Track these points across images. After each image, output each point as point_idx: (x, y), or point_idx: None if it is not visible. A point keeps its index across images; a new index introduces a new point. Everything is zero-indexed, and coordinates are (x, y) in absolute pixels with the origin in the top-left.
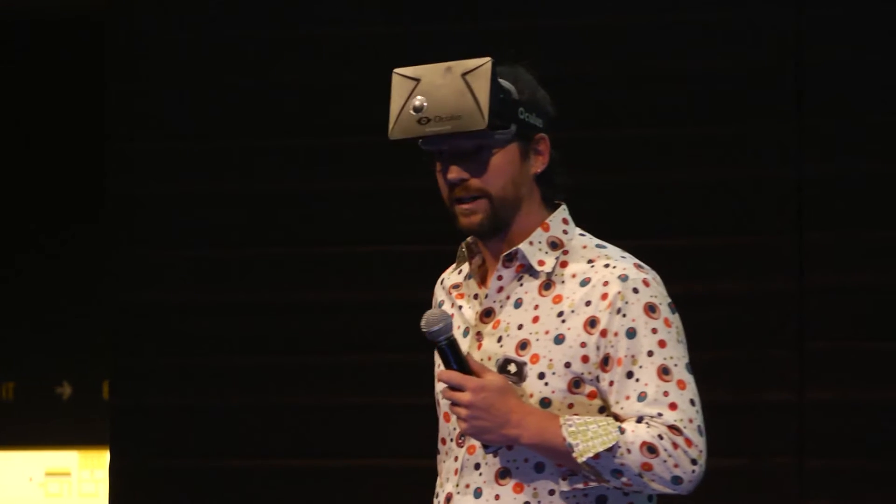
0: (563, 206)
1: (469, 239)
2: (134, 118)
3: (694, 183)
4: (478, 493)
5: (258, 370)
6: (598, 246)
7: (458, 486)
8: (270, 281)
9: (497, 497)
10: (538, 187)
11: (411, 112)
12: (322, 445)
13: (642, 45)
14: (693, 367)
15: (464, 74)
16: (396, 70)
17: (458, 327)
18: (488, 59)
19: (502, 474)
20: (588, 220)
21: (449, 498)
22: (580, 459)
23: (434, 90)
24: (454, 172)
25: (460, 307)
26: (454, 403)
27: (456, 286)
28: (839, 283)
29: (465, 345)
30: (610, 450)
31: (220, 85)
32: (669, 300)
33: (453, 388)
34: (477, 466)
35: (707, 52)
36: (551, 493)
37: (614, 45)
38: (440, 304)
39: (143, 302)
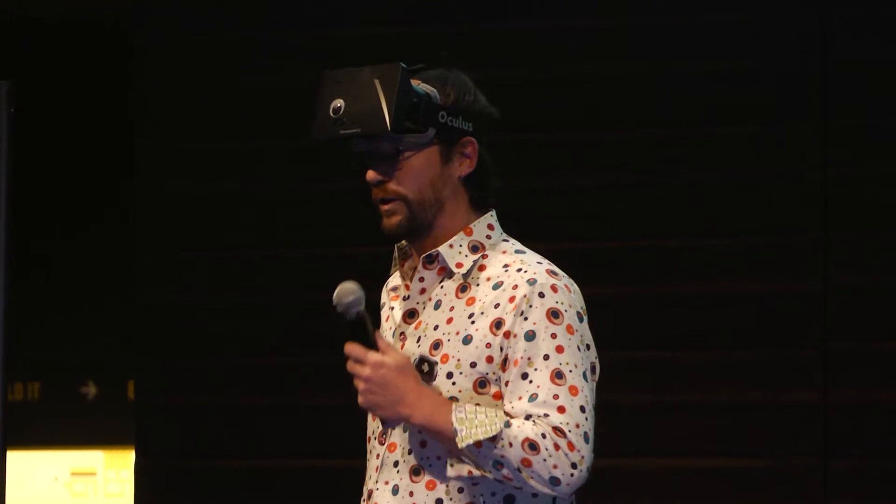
0: (492, 213)
1: (403, 241)
2: (160, 118)
3: (718, 183)
4: (395, 490)
5: (285, 370)
6: (517, 251)
7: (377, 482)
8: (298, 281)
9: (411, 493)
10: (466, 190)
11: (331, 114)
12: (348, 445)
13: (669, 45)
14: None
15: (376, 78)
16: (325, 71)
17: (390, 328)
18: (398, 64)
19: (416, 471)
20: (611, 220)
21: (370, 494)
22: (461, 445)
23: (351, 93)
24: (371, 174)
25: (392, 308)
26: (355, 377)
27: (395, 288)
28: (864, 284)
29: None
30: (492, 439)
31: (246, 85)
32: (580, 309)
33: (356, 361)
34: (396, 464)
35: (733, 52)
36: (460, 490)
37: (641, 46)
38: (382, 307)
39: (169, 302)
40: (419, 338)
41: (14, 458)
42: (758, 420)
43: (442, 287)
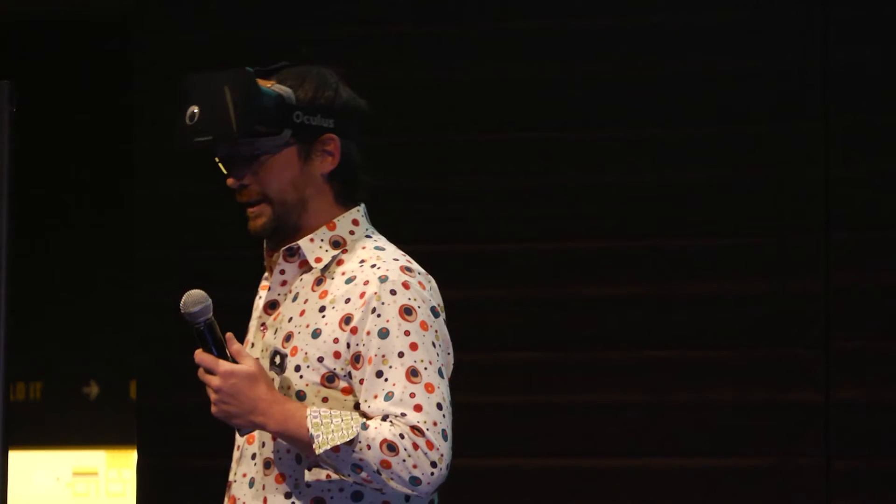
0: (359, 208)
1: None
2: (160, 118)
3: (720, 182)
4: (251, 483)
5: None
6: (376, 248)
7: (236, 474)
8: None
9: (264, 487)
10: (331, 187)
11: (187, 121)
12: None
13: (670, 44)
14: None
15: (225, 84)
16: (185, 77)
17: (256, 318)
18: (245, 68)
19: (267, 465)
20: (611, 220)
21: (229, 486)
22: (318, 451)
23: (205, 99)
24: (231, 179)
25: (260, 297)
26: (206, 386)
27: (266, 278)
28: (866, 283)
29: (252, 335)
30: (350, 443)
31: None
32: (434, 304)
33: (207, 371)
34: (253, 456)
35: (734, 52)
36: (308, 485)
37: (641, 46)
38: (257, 297)
39: (171, 302)
40: (276, 329)
41: (16, 457)
42: (760, 420)
43: (301, 280)
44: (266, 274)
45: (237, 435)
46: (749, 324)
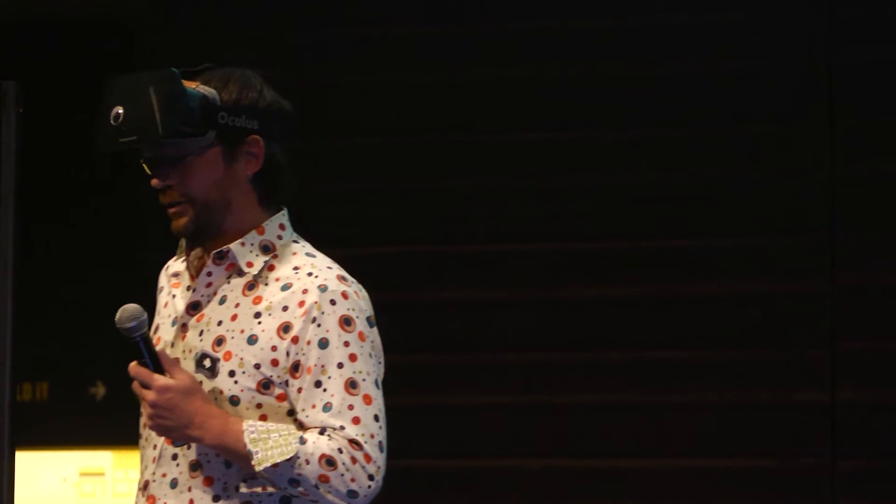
0: (284, 212)
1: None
2: None
3: (725, 183)
4: (174, 484)
5: None
6: (307, 254)
7: (154, 474)
8: None
9: (189, 489)
10: (255, 188)
11: (111, 122)
12: None
13: (675, 45)
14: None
15: (150, 85)
16: (111, 78)
17: (169, 316)
18: (170, 69)
19: (194, 467)
20: (615, 221)
21: (146, 486)
22: (258, 468)
23: (129, 100)
24: (155, 180)
25: (174, 296)
26: (141, 399)
27: (176, 275)
28: (871, 283)
29: (170, 334)
30: (289, 460)
31: None
32: (370, 314)
33: (142, 384)
34: (175, 457)
35: (739, 53)
36: (237, 488)
37: (641, 46)
38: (160, 290)
39: None
40: (201, 331)
41: (22, 458)
42: (765, 420)
43: (229, 282)
44: (173, 270)
45: (148, 433)
46: (754, 324)
